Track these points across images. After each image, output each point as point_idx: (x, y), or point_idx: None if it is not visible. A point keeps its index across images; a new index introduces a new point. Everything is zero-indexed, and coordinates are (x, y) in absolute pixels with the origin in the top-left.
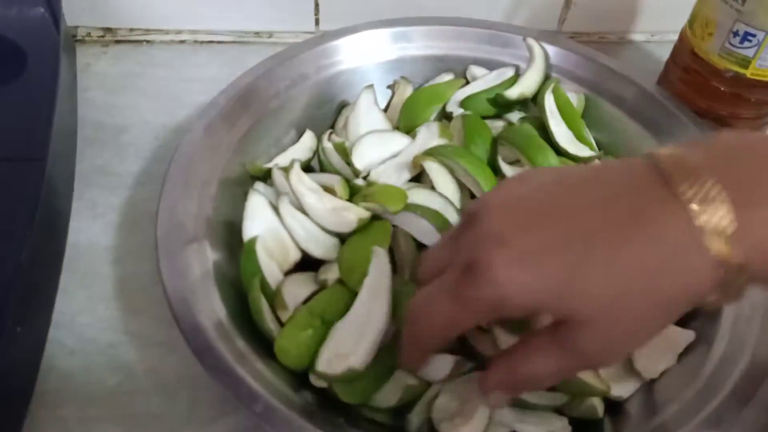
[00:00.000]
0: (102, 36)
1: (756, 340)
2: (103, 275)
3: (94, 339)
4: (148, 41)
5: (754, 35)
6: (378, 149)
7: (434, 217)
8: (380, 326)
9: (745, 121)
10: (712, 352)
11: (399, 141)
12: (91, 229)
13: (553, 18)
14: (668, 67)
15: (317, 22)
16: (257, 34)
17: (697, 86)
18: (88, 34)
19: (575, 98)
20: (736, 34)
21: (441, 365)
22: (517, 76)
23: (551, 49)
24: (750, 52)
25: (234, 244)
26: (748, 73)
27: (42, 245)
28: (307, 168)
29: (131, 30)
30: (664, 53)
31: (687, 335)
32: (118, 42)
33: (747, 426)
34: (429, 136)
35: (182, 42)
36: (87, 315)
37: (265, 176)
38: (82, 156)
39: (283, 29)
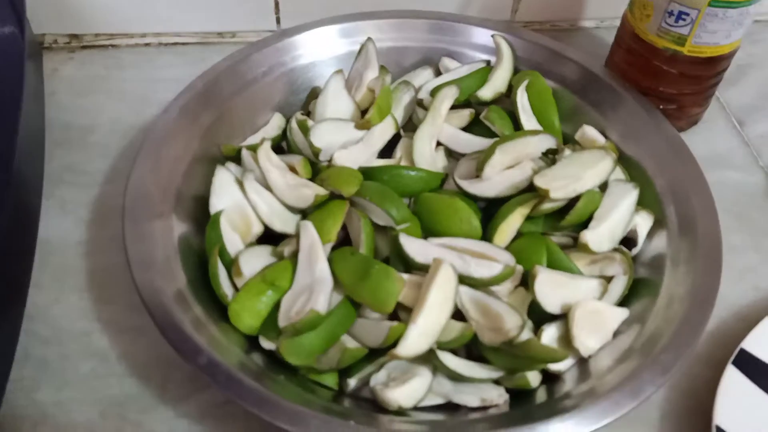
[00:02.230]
0: (68, 42)
1: (682, 317)
2: (75, 268)
3: (68, 328)
4: (113, 45)
5: (687, 14)
6: (334, 134)
7: (386, 200)
8: (329, 282)
9: (689, 97)
10: (644, 330)
11: (353, 133)
12: (62, 225)
13: (506, 8)
14: (613, 49)
15: (278, 20)
16: (220, 34)
17: (640, 66)
18: (55, 41)
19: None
20: (671, 13)
21: (378, 331)
22: (488, 68)
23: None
24: (685, 30)
25: (202, 217)
26: (684, 50)
27: (12, 242)
28: (277, 149)
29: (97, 35)
30: (612, 38)
31: (621, 313)
32: (84, 47)
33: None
34: (385, 130)
35: (147, 45)
36: (60, 306)
37: (238, 157)
38: (52, 156)
39: (246, 29)
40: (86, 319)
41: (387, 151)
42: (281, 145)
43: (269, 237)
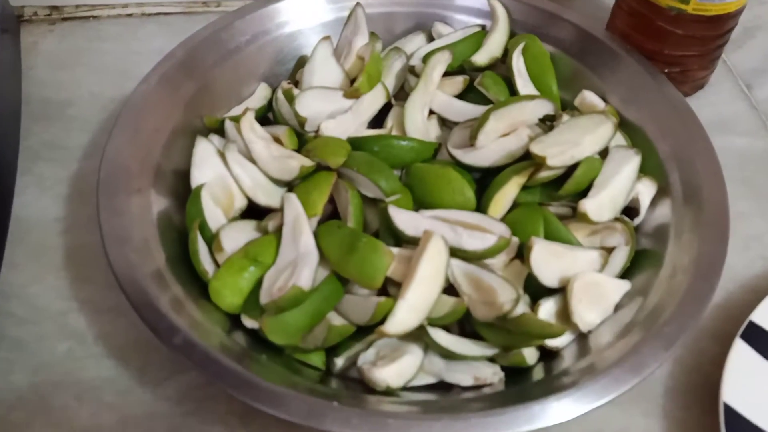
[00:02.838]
0: (48, 14)
1: (686, 288)
2: (52, 246)
3: (45, 307)
4: (95, 17)
5: None
6: (321, 103)
7: (375, 171)
8: (314, 257)
9: (694, 59)
10: (646, 303)
11: (341, 102)
12: (40, 202)
13: None
14: (614, 11)
15: None
16: (205, 3)
17: (643, 28)
18: (35, 13)
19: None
20: None
21: (365, 308)
22: (483, 33)
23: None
24: None
25: (184, 192)
26: (689, 8)
27: None
28: (263, 120)
29: (77, 6)
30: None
31: (623, 285)
32: (65, 19)
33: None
34: (375, 98)
35: (129, 15)
36: (37, 285)
37: (222, 128)
38: (29, 132)
39: None
40: (63, 298)
41: (377, 121)
42: (267, 116)
43: (254, 211)
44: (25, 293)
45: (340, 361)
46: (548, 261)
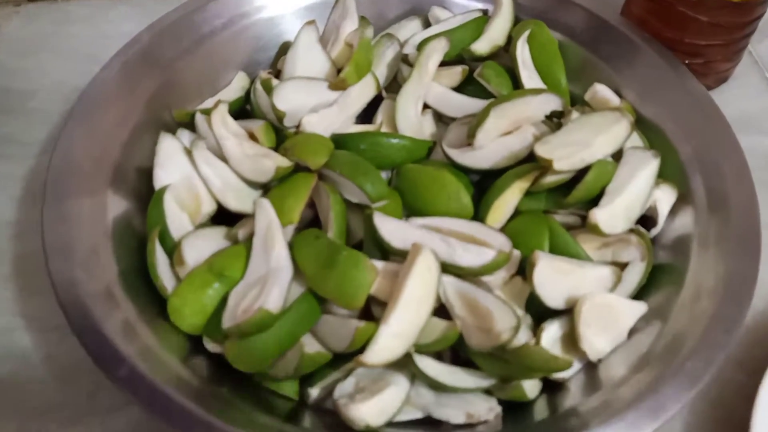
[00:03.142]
0: None
1: (712, 313)
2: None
3: None
4: None
5: None
6: (302, 96)
7: (359, 172)
8: (287, 272)
9: (717, 49)
10: (665, 329)
11: (326, 94)
12: None
13: None
14: None
15: None
16: None
17: (662, 14)
18: None
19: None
20: None
21: (343, 332)
22: (485, 18)
23: None
24: None
25: (146, 194)
26: None
27: None
28: (242, 113)
29: None
30: None
31: (638, 307)
32: (31, 0)
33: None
34: (363, 90)
35: None
36: None
37: (193, 124)
38: None
39: None
40: (8, 313)
41: (366, 116)
42: (246, 109)
43: (225, 217)
44: None
45: (314, 392)
46: (553, 279)
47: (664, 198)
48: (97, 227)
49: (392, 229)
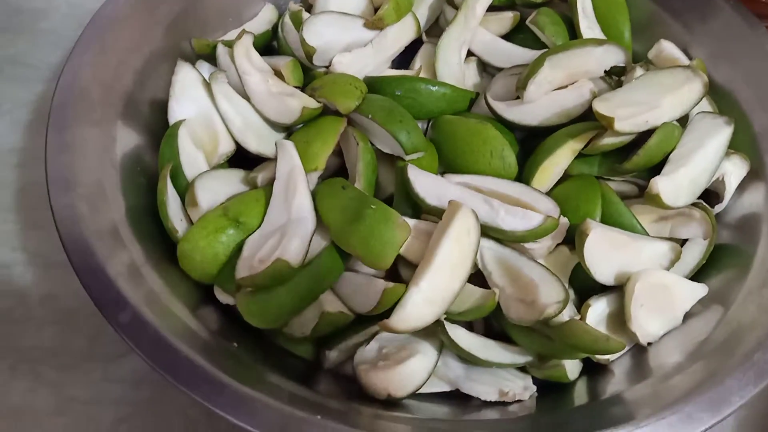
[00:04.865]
0: None
1: None
2: (2, 182)
3: None
4: None
5: None
6: (335, 32)
7: (395, 120)
8: (309, 223)
9: None
10: (727, 316)
11: (361, 33)
12: None
13: None
14: None
15: None
16: None
17: None
18: None
19: None
20: None
21: (369, 293)
22: None
23: None
24: None
25: (160, 129)
26: None
27: None
28: (268, 50)
29: None
30: None
31: (697, 290)
32: None
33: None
34: (402, 31)
35: None
36: None
37: (214, 55)
38: None
39: None
40: (8, 247)
41: (403, 61)
42: (273, 46)
43: (243, 160)
44: None
45: (332, 355)
46: (605, 252)
47: (734, 171)
48: (104, 160)
49: (428, 185)
